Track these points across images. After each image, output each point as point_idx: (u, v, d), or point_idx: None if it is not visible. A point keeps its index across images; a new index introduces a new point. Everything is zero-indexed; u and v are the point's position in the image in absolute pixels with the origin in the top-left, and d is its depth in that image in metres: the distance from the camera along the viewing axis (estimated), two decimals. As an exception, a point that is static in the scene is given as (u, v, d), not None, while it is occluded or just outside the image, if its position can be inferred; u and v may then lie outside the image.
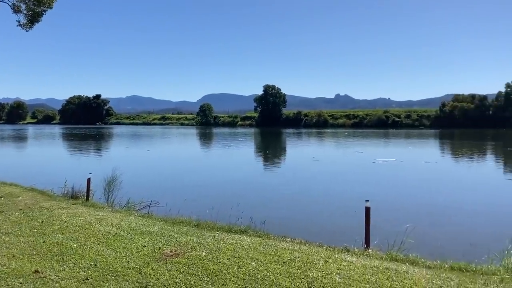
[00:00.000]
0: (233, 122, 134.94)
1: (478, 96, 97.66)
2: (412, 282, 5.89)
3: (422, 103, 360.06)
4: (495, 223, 12.77)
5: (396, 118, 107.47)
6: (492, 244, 8.22)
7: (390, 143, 55.36)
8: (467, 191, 19.17)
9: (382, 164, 28.62)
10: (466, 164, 30.08)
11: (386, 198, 16.89)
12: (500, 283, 5.95)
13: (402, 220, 10.71)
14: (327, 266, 6.51)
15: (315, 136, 70.28)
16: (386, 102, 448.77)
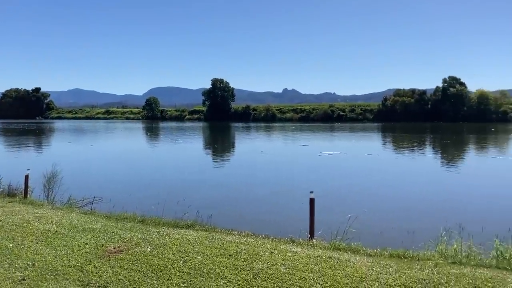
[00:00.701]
0: (181, 116, 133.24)
1: (417, 91, 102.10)
2: (354, 270, 6.09)
3: (366, 97, 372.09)
4: (432, 212, 13.44)
5: (341, 112, 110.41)
6: (429, 231, 8.65)
7: (335, 136, 56.82)
8: (407, 181, 20.06)
9: (327, 157, 29.34)
10: (406, 156, 31.42)
11: (331, 190, 17.34)
12: (434, 268, 6.28)
13: (346, 210, 11.03)
14: (272, 257, 6.60)
15: (264, 130, 70.85)
16: (331, 97, 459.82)
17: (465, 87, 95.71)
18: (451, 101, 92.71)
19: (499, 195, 16.38)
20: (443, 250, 7.25)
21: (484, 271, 6.21)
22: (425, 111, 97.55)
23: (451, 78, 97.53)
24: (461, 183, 19.98)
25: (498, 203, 14.93)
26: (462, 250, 7.26)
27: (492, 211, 13.58)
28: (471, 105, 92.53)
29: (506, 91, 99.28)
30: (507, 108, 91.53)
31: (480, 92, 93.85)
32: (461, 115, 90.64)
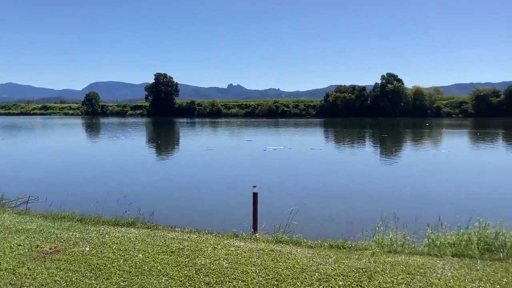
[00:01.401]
0: (123, 111, 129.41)
1: (358, 87, 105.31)
2: (295, 261, 6.23)
3: (309, 93, 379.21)
4: (370, 203, 13.99)
5: (285, 108, 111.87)
6: (367, 222, 8.99)
7: (280, 131, 57.57)
8: (347, 174, 20.72)
9: (272, 152, 29.68)
10: (347, 150, 32.42)
11: (275, 184, 17.58)
12: (371, 257, 6.55)
13: (289, 204, 11.23)
14: (215, 253, 6.60)
15: (209, 126, 70.44)
16: (276, 93, 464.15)
17: (402, 83, 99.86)
18: (389, 97, 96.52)
19: (431, 186, 17.31)
20: (379, 240, 7.56)
21: (417, 258, 6.55)
22: (365, 106, 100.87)
23: (389, 75, 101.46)
24: (397, 175, 20.92)
25: (430, 193, 15.78)
26: (397, 239, 7.62)
27: (425, 201, 14.34)
28: (408, 101, 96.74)
29: (440, 88, 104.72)
30: (440, 103, 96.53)
31: (416, 89, 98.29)
32: (398, 111, 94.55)
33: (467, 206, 9.10)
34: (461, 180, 18.83)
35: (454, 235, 7.51)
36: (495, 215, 8.18)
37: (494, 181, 18.73)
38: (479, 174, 20.80)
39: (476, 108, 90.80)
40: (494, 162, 25.51)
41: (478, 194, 15.70)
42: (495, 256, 6.66)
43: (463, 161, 26.07)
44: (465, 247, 7.05)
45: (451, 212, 8.60)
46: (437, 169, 22.40)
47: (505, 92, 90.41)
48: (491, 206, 13.04)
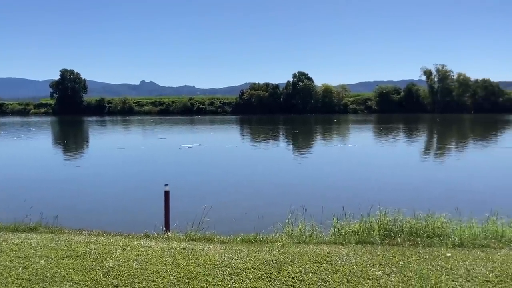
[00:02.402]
0: (25, 110, 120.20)
1: (271, 85, 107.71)
2: (207, 258, 6.23)
3: (225, 91, 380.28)
4: (281, 196, 14.40)
5: (201, 105, 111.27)
6: (278, 215, 9.23)
7: (195, 129, 57.16)
8: (260, 170, 21.14)
9: (187, 150, 29.39)
10: (261, 146, 33.08)
11: (189, 182, 17.45)
12: (281, 248, 6.75)
13: (202, 201, 11.20)
14: (124, 254, 6.39)
15: (121, 124, 67.94)
16: (191, 90, 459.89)
17: (312, 81, 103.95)
18: (301, 94, 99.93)
19: (337, 178, 18.26)
20: (289, 232, 7.81)
21: (324, 247, 6.86)
22: (278, 104, 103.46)
23: (300, 73, 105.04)
24: (307, 169, 21.76)
25: (335, 185, 16.64)
26: (306, 230, 7.92)
27: (331, 192, 15.08)
28: (318, 98, 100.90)
29: (347, 86, 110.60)
30: (347, 101, 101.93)
31: (325, 87, 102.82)
32: (309, 108, 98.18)
33: (369, 196, 9.74)
34: (365, 172, 20.05)
35: (358, 223, 7.97)
36: (394, 203, 8.83)
37: (393, 172, 20.18)
38: (380, 166, 22.27)
39: (379, 104, 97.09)
40: (394, 155, 27.50)
41: (379, 184, 16.82)
42: (393, 241, 7.18)
43: (367, 154, 27.76)
44: (368, 234, 7.52)
45: (355, 202, 9.14)
46: (342, 162, 23.63)
47: (405, 90, 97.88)
48: (389, 195, 14.06)
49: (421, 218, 7.91)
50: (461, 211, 8.38)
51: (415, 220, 7.84)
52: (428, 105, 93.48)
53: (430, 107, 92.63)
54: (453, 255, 6.36)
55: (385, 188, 15.97)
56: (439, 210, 8.26)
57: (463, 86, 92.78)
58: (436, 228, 7.48)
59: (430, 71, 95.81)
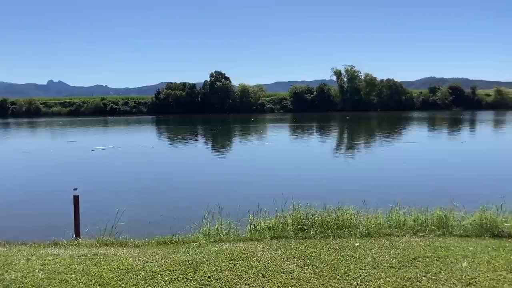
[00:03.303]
0: None
1: (188, 85, 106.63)
2: (120, 263, 6.02)
3: (139, 90, 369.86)
4: (197, 196, 14.29)
5: (114, 106, 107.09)
6: (195, 215, 9.14)
7: (109, 130, 54.96)
8: (177, 171, 20.87)
9: (100, 152, 28.15)
10: (180, 147, 32.64)
11: (102, 185, 16.76)
12: (198, 248, 6.72)
13: (116, 204, 10.79)
14: (29, 264, 5.98)
15: (27, 127, 63.29)
16: (104, 90, 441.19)
17: (230, 81, 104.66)
18: (218, 94, 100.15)
19: (254, 176, 18.58)
20: (207, 231, 7.80)
21: (240, 244, 6.95)
22: (196, 103, 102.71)
23: (217, 73, 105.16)
24: (223, 168, 21.88)
25: (252, 182, 16.93)
26: (223, 228, 7.95)
27: (247, 190, 15.30)
28: (235, 98, 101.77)
29: (263, 85, 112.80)
30: (264, 100, 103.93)
31: (242, 86, 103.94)
32: (227, 107, 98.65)
33: (284, 192, 10.01)
34: (281, 169, 20.58)
35: (273, 219, 8.16)
36: (307, 197, 9.16)
37: (307, 168, 20.94)
38: (295, 162, 22.99)
39: (294, 104, 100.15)
40: (308, 151, 28.54)
41: (294, 180, 17.36)
42: (306, 234, 7.46)
43: (283, 151, 28.54)
44: (282, 229, 7.73)
45: (270, 199, 9.33)
46: (260, 160, 24.08)
47: (317, 89, 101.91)
48: (303, 190, 14.55)
49: (332, 211, 8.28)
50: (368, 203, 8.90)
51: (326, 213, 8.20)
52: (338, 104, 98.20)
53: (340, 105, 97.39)
54: (361, 245, 6.76)
55: (299, 184, 16.52)
56: (349, 203, 8.69)
57: (370, 86, 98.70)
58: (345, 220, 7.88)
59: (340, 71, 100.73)
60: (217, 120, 69.28)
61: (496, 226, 7.45)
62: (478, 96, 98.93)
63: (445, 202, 8.53)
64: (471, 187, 15.36)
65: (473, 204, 8.46)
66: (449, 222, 7.72)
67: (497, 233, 7.33)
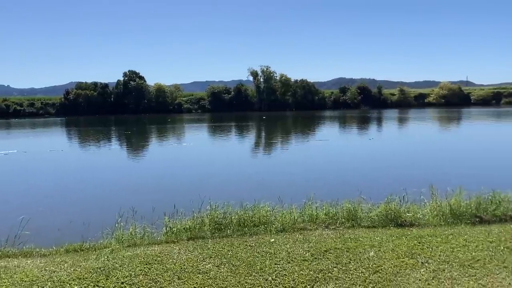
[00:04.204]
0: None
1: (100, 84, 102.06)
2: (24, 275, 5.60)
3: (46, 90, 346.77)
4: (110, 200, 13.75)
5: (18, 107, 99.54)
6: (108, 219, 8.77)
7: (12, 134, 50.95)
8: (88, 173, 19.91)
9: (2, 157, 26.02)
10: (92, 149, 31.12)
11: (2, 192, 15.49)
12: (110, 254, 6.46)
13: (20, 212, 10.03)
14: None
15: None
16: (6, 90, 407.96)
17: (145, 81, 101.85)
18: (133, 94, 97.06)
19: (169, 177, 18.27)
20: (120, 236, 7.51)
21: (156, 247, 6.79)
22: (109, 104, 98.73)
23: (131, 72, 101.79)
24: (138, 170, 21.27)
25: (167, 184, 16.63)
26: (137, 232, 7.71)
27: (162, 192, 14.99)
28: (151, 98, 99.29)
29: (179, 85, 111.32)
30: (181, 100, 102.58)
31: (158, 86, 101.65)
32: (142, 107, 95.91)
33: (201, 192, 9.97)
34: (199, 169, 20.46)
35: (190, 220, 8.07)
36: (225, 196, 9.18)
37: (226, 167, 21.05)
38: (214, 162, 22.98)
39: (212, 104, 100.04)
40: (227, 151, 28.69)
41: (212, 180, 17.35)
42: (223, 233, 7.48)
43: (202, 152, 28.39)
44: (199, 229, 7.68)
45: (187, 199, 9.23)
46: (177, 161, 23.74)
47: (234, 90, 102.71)
48: (221, 189, 14.61)
49: (249, 209, 8.38)
50: (283, 199, 9.13)
51: (243, 211, 8.28)
52: (255, 104, 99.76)
53: (257, 105, 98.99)
54: (276, 240, 6.91)
55: (217, 183, 16.53)
56: (265, 200, 8.85)
57: (285, 86, 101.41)
58: (261, 217, 8.01)
59: (256, 72, 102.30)
60: (132, 121, 67.16)
61: (399, 216, 7.99)
62: (384, 96, 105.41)
63: (354, 196, 9.01)
64: (377, 181, 16.35)
65: (379, 196, 9.01)
66: (358, 214, 8.15)
67: (400, 222, 7.87)
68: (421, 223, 7.89)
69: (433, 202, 8.63)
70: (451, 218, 8.03)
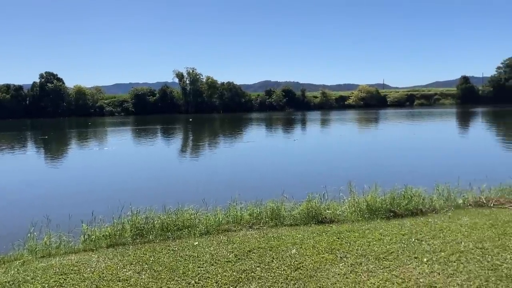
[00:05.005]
0: None
1: (13, 86, 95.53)
2: None
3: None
4: (20, 209, 12.88)
5: None
6: (19, 230, 8.22)
7: None
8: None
9: None
10: (5, 156, 28.96)
11: None
12: (21, 266, 6.05)
13: None
14: None
15: None
16: None
17: (63, 83, 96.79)
18: (50, 96, 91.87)
19: (88, 183, 17.52)
20: (33, 246, 7.06)
21: (73, 256, 6.45)
22: (24, 107, 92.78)
23: (48, 74, 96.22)
24: (53, 176, 20.17)
25: (83, 190, 15.94)
26: (52, 241, 7.29)
27: (78, 197, 14.29)
28: (70, 100, 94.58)
29: (101, 87, 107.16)
30: (103, 103, 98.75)
31: (78, 88, 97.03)
32: (61, 111, 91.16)
33: (122, 197, 9.65)
34: (121, 174, 19.79)
35: (110, 226, 7.77)
36: (148, 201, 8.96)
37: (149, 171, 20.55)
38: (137, 166, 22.35)
39: (136, 106, 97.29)
40: (152, 155, 28.03)
41: (133, 184, 16.86)
42: (145, 239, 7.28)
43: (125, 156, 27.50)
44: (120, 236, 7.41)
45: (105, 205, 8.88)
46: (96, 166, 22.81)
47: (159, 92, 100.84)
48: (144, 194, 14.24)
49: (172, 213, 8.24)
50: (208, 201, 9.08)
51: (166, 215, 8.11)
52: (182, 106, 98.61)
53: (184, 108, 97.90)
54: (200, 243, 6.85)
55: (140, 187, 16.10)
56: (189, 203, 8.74)
57: (211, 88, 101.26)
58: (185, 220, 7.90)
59: (182, 74, 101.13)
60: (50, 125, 63.52)
61: (320, 213, 8.26)
62: (307, 98, 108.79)
63: (278, 195, 9.18)
64: (301, 180, 16.79)
65: (302, 195, 9.24)
66: (281, 213, 8.31)
67: (321, 219, 8.13)
68: (340, 219, 8.22)
69: (351, 198, 9.02)
70: (367, 214, 8.44)
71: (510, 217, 7.91)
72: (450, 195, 9.61)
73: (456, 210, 8.68)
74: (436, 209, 8.71)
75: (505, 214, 8.19)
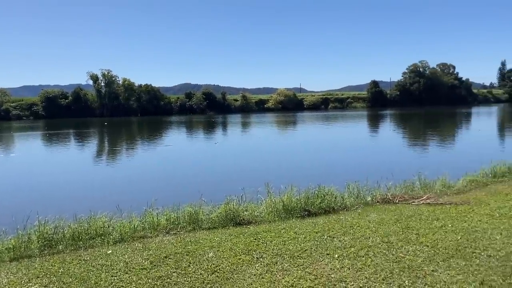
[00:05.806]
0: None
1: None
2: None
3: None
4: None
5: None
6: None
7: None
8: None
9: None
10: None
11: None
12: None
13: None
14: None
15: None
16: None
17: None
18: None
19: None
20: None
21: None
22: None
23: None
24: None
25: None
26: None
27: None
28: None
29: (6, 90, 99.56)
30: (9, 106, 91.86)
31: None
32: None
33: (28, 206, 9.03)
34: (24, 183, 18.54)
35: (14, 238, 7.23)
36: (56, 210, 8.46)
37: (62, 178, 19.47)
38: (49, 173, 21.07)
39: (46, 109, 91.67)
40: (65, 160, 26.54)
41: (40, 193, 15.88)
42: (54, 250, 6.86)
43: (34, 163, 25.80)
44: (26, 248, 6.93)
45: (10, 217, 8.24)
46: (3, 174, 21.19)
47: (72, 94, 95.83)
48: (53, 202, 13.46)
49: (84, 221, 7.86)
50: (123, 208, 8.77)
51: (77, 224, 7.73)
52: (97, 109, 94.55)
53: (99, 111, 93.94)
54: (114, 251, 6.60)
55: (49, 195, 15.20)
56: (102, 210, 8.40)
57: (128, 91, 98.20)
58: (98, 228, 7.58)
59: (96, 76, 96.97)
60: None
61: (238, 215, 8.33)
62: (228, 101, 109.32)
63: (196, 199, 9.10)
64: (219, 183, 16.83)
65: (221, 198, 9.23)
66: (199, 217, 8.26)
67: (239, 221, 8.20)
68: (258, 220, 8.35)
69: (268, 199, 9.20)
70: (284, 213, 8.67)
71: (413, 212, 8.54)
72: (360, 193, 10.17)
73: (365, 207, 9.19)
74: (347, 207, 9.16)
75: (408, 209, 8.82)
